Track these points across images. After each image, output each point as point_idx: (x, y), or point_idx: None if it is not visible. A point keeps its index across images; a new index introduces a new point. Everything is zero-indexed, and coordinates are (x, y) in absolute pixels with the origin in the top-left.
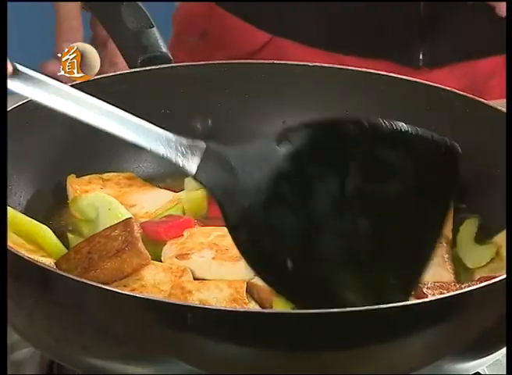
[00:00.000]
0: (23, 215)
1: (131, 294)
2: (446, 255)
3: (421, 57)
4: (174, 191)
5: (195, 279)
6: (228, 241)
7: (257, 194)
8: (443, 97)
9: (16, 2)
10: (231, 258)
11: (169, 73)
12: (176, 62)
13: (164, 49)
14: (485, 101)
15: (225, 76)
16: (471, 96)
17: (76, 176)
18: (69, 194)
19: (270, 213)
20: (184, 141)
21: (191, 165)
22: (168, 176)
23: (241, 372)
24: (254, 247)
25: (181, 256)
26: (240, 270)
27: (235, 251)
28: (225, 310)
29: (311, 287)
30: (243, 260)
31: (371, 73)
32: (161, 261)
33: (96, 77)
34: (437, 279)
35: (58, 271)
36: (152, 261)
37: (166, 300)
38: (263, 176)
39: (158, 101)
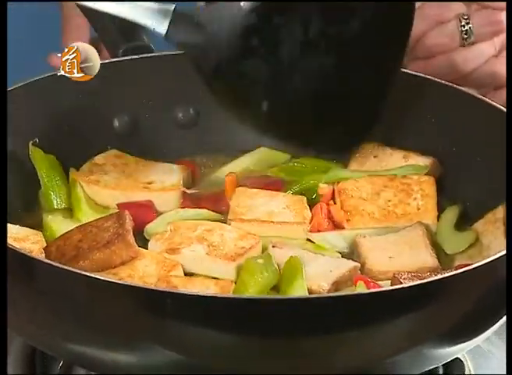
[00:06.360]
0: None
1: (111, 280)
2: (428, 241)
3: None
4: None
5: (184, 273)
6: (216, 236)
7: (227, 47)
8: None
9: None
10: (225, 257)
11: (151, 62)
12: None
13: (145, 39)
14: (466, 90)
15: None
16: (450, 84)
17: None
18: (78, 190)
19: (241, 63)
20: (154, 5)
21: (162, 27)
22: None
23: (220, 357)
24: (230, 95)
25: (171, 251)
26: (230, 271)
27: (229, 249)
28: (203, 296)
29: (286, 126)
30: (237, 261)
31: None
32: None
33: None
34: (421, 265)
35: (38, 258)
36: (149, 252)
37: (145, 286)
38: (231, 30)
39: (139, 91)
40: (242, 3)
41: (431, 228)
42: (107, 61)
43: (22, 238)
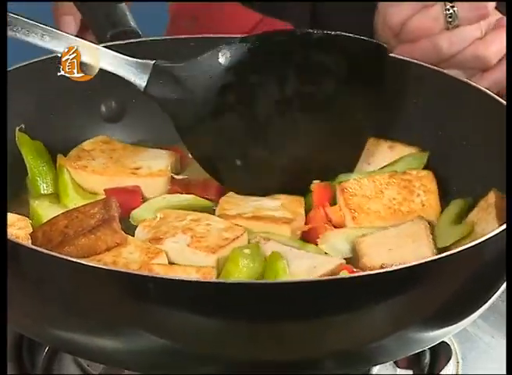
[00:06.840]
0: None
1: (94, 265)
2: (431, 236)
3: None
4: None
5: (169, 262)
6: (203, 226)
7: (204, 104)
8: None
9: None
10: (206, 249)
11: (137, 47)
12: None
13: (132, 24)
14: (448, 72)
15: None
16: (437, 68)
17: (64, 155)
18: (65, 175)
19: (217, 119)
20: (135, 60)
21: (141, 81)
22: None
23: (205, 341)
24: (206, 150)
25: (155, 240)
26: (211, 263)
27: (211, 241)
28: (186, 280)
29: (259, 180)
30: (217, 253)
31: None
32: None
33: None
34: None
35: (23, 243)
36: (134, 239)
37: (128, 270)
38: (208, 86)
39: None
40: (220, 61)
41: (433, 223)
42: None
43: (8, 224)
